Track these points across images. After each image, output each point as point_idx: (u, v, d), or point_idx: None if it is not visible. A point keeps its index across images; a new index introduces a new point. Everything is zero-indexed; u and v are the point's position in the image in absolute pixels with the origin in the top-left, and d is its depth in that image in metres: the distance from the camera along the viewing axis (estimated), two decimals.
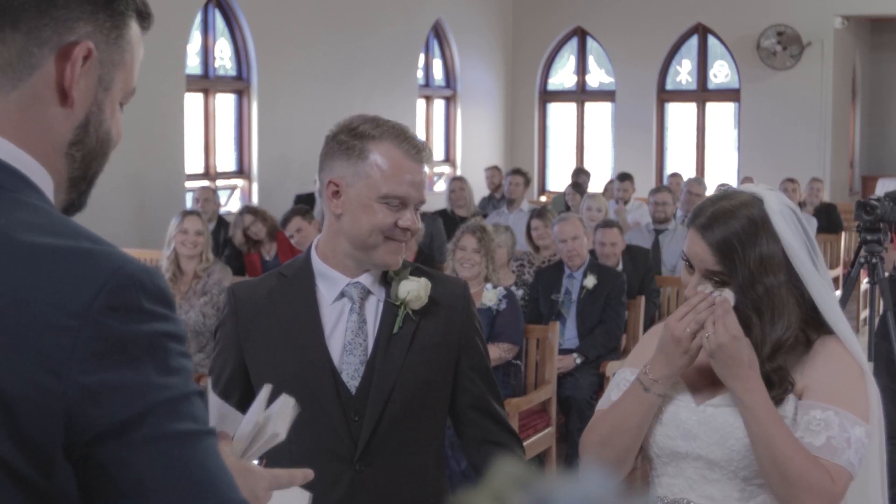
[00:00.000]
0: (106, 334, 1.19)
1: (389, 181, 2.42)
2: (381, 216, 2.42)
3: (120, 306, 1.20)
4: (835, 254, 10.82)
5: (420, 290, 2.48)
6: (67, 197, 1.37)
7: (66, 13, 1.30)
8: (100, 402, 1.19)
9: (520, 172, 11.15)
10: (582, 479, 0.82)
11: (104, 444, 1.20)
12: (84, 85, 1.32)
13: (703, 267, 2.26)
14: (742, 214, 2.24)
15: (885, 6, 14.33)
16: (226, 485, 1.25)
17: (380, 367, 2.46)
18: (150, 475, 1.21)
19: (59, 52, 1.30)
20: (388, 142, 2.43)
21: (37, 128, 1.31)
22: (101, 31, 1.33)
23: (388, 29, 13.11)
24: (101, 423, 1.19)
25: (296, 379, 2.45)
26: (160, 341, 1.23)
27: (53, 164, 1.32)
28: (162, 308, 1.24)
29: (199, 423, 1.25)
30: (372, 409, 2.45)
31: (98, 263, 1.22)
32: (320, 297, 2.52)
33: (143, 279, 1.23)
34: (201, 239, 6.36)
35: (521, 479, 0.83)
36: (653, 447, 2.34)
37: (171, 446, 1.22)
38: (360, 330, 2.50)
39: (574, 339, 6.63)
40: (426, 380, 2.49)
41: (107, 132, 1.37)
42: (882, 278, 5.14)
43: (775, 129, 14.41)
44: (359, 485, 2.45)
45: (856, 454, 2.17)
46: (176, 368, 1.24)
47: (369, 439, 2.45)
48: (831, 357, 2.25)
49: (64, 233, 1.24)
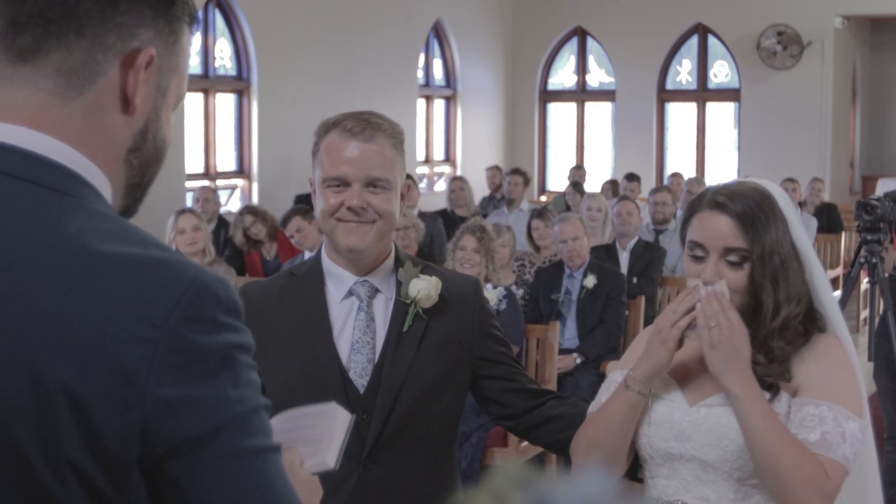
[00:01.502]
0: (183, 346, 1.19)
1: (326, 163, 2.47)
2: (328, 199, 2.46)
3: (196, 317, 1.20)
4: (835, 254, 10.83)
5: (430, 289, 2.48)
6: (123, 203, 1.36)
7: (129, 19, 1.29)
8: (176, 414, 1.18)
9: (519, 172, 11.15)
10: (582, 479, 0.82)
11: (177, 459, 1.19)
12: (144, 92, 1.31)
13: (723, 244, 2.24)
14: (755, 190, 2.28)
15: (885, 6, 14.33)
16: (289, 501, 1.25)
17: (389, 366, 2.46)
18: (219, 492, 1.21)
19: (123, 58, 1.29)
20: (335, 128, 2.48)
21: (98, 135, 1.30)
22: (161, 36, 1.32)
23: (388, 29, 13.11)
24: (176, 436, 1.19)
25: (304, 378, 2.47)
26: (233, 354, 1.22)
27: (113, 170, 1.32)
28: (234, 319, 1.24)
29: (268, 437, 1.25)
30: (380, 407, 2.45)
31: (175, 274, 1.21)
32: (329, 296, 2.53)
33: (217, 290, 1.22)
34: (200, 234, 6.36)
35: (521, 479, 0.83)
36: (646, 449, 2.33)
37: (241, 463, 1.22)
38: (368, 328, 2.50)
39: (574, 339, 6.63)
40: (436, 378, 2.49)
41: (163, 139, 1.37)
42: (882, 278, 5.14)
43: (775, 129, 14.41)
44: (367, 483, 2.45)
45: (851, 448, 2.17)
46: (248, 381, 1.24)
47: (377, 438, 2.45)
48: (825, 354, 2.26)
49: (134, 240, 1.24)
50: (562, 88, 15.99)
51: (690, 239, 2.30)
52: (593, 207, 8.60)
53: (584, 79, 15.87)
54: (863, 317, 10.25)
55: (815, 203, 11.55)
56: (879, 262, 5.17)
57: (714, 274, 2.24)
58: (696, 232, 2.28)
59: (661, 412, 2.31)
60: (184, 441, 1.19)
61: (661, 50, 15.10)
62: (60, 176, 1.26)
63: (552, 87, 16.00)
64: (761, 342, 2.25)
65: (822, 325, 2.31)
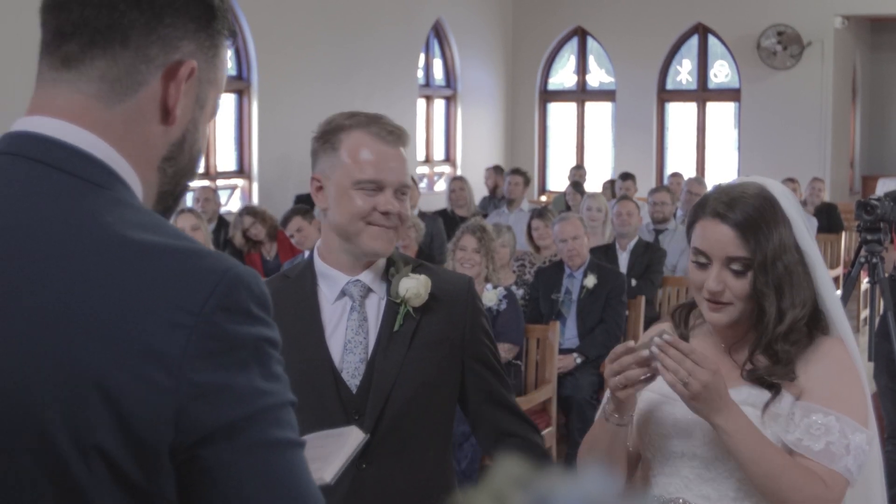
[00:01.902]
0: (218, 334, 1.20)
1: (360, 165, 2.44)
2: (359, 202, 2.44)
3: (231, 307, 1.21)
4: (835, 254, 10.82)
5: (420, 288, 2.48)
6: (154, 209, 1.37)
7: (172, 31, 1.31)
8: (210, 400, 1.19)
9: (519, 172, 11.15)
10: (582, 479, 0.82)
11: (210, 447, 1.20)
12: (184, 103, 1.34)
13: (725, 254, 2.23)
14: (755, 194, 2.26)
15: (885, 6, 14.33)
16: (314, 497, 1.26)
17: (380, 366, 2.46)
18: (250, 481, 1.21)
19: (166, 70, 1.31)
20: (359, 129, 2.46)
21: (137, 141, 1.32)
22: (202, 49, 1.34)
23: (388, 29, 13.11)
24: (210, 423, 1.20)
25: (297, 379, 2.43)
26: (263, 346, 1.24)
27: (147, 176, 1.34)
28: (265, 313, 1.25)
29: (296, 432, 1.27)
30: (372, 407, 2.45)
31: (210, 263, 1.23)
32: (322, 296, 2.53)
33: (250, 282, 1.24)
34: (199, 234, 6.37)
35: (521, 479, 0.82)
36: (648, 447, 2.34)
37: (272, 454, 1.23)
38: (361, 328, 2.50)
39: (574, 339, 6.63)
40: (428, 377, 2.49)
41: (199, 150, 1.39)
42: (882, 278, 5.14)
43: (775, 129, 14.41)
44: (361, 483, 2.44)
45: (854, 461, 2.16)
46: (277, 375, 1.25)
47: (370, 437, 2.43)
48: (832, 359, 2.25)
49: (168, 232, 1.26)
50: (562, 88, 15.99)
51: (694, 246, 2.29)
52: (593, 207, 8.60)
53: (585, 79, 15.87)
54: (863, 317, 10.25)
55: (815, 203, 11.55)
56: (879, 262, 5.16)
57: (717, 282, 2.23)
58: (698, 240, 2.28)
59: (662, 410, 2.31)
60: (217, 428, 1.20)
61: (662, 50, 15.10)
62: (98, 170, 1.28)
63: (552, 87, 16.00)
64: (766, 346, 2.24)
65: (825, 326, 2.29)
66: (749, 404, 2.22)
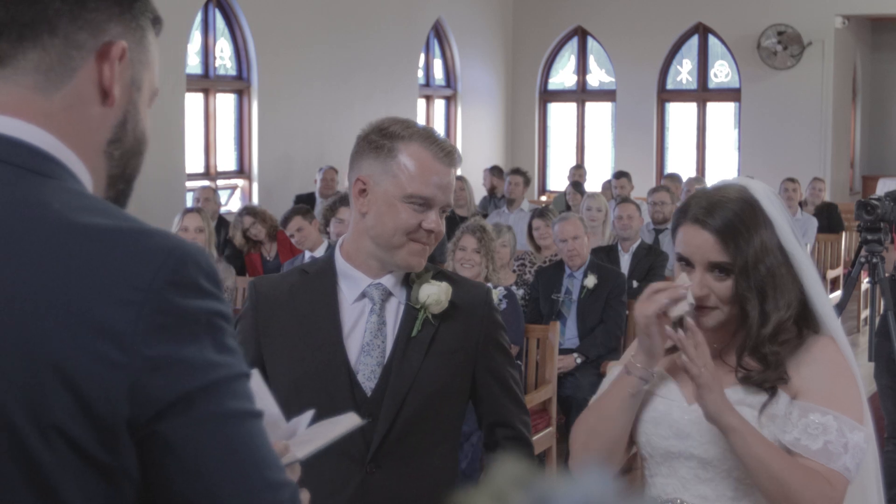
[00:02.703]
0: (168, 308, 1.23)
1: (416, 181, 2.41)
2: (405, 216, 2.41)
3: (180, 282, 1.24)
4: (835, 254, 10.82)
5: (441, 295, 2.47)
6: (105, 195, 1.40)
7: (98, 15, 1.35)
8: (164, 373, 1.22)
9: (519, 172, 11.15)
10: (582, 479, 0.82)
11: (168, 419, 1.23)
12: (121, 84, 1.37)
13: (706, 259, 2.24)
14: (736, 198, 2.26)
15: (885, 6, 14.33)
16: (273, 465, 1.29)
17: (396, 370, 2.45)
18: (210, 453, 1.24)
19: (98, 52, 1.35)
20: (418, 143, 2.42)
21: (80, 128, 1.35)
22: (129, 31, 1.39)
23: (388, 29, 13.11)
24: (165, 396, 1.22)
25: (312, 377, 2.45)
26: (216, 320, 1.26)
27: (94, 161, 1.37)
28: (215, 287, 1.28)
29: (252, 403, 1.29)
30: (386, 411, 2.44)
31: (158, 241, 1.26)
32: (341, 296, 2.51)
33: (198, 258, 1.27)
34: (202, 236, 6.35)
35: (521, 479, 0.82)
36: (646, 447, 2.33)
37: (229, 425, 1.25)
38: (380, 331, 2.48)
39: (574, 339, 6.63)
40: (442, 385, 2.48)
41: (142, 131, 1.43)
42: (882, 278, 5.14)
43: (775, 129, 14.41)
44: (369, 486, 2.44)
45: (852, 459, 2.16)
46: (230, 347, 1.28)
47: (382, 442, 2.44)
48: (826, 358, 2.24)
49: (116, 215, 1.29)
50: (562, 88, 15.99)
51: (677, 251, 2.31)
52: (593, 207, 8.60)
53: (585, 79, 15.87)
54: (863, 317, 10.24)
55: (815, 203, 11.55)
56: (880, 262, 5.16)
57: (701, 287, 2.24)
58: (681, 245, 2.29)
59: (659, 410, 2.30)
60: (173, 401, 1.22)
61: (662, 50, 15.10)
62: (42, 160, 1.31)
63: (552, 87, 16.00)
64: (753, 349, 2.24)
65: (815, 325, 2.29)
66: (746, 405, 2.22)
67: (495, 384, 2.56)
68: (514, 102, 15.77)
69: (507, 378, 2.58)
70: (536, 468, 2.50)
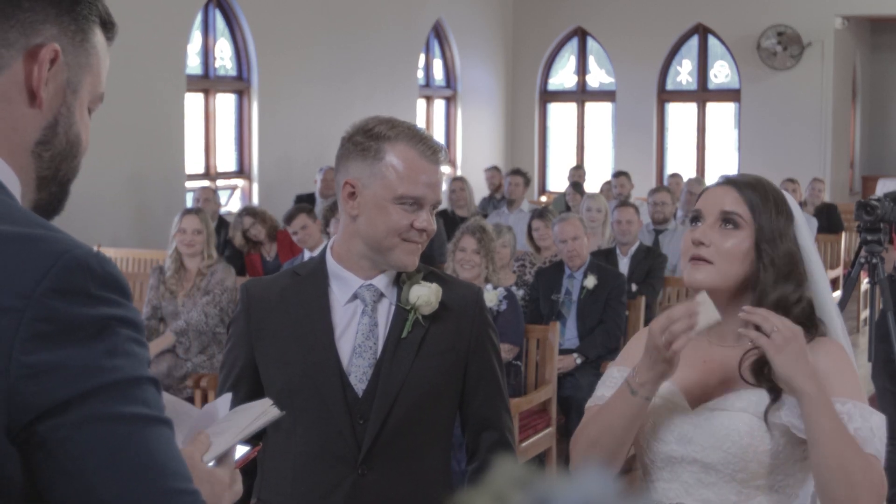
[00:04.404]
0: (51, 315, 1.20)
1: (405, 182, 2.41)
2: (396, 217, 2.41)
3: (66, 289, 1.21)
4: (835, 254, 10.82)
5: (431, 296, 2.46)
6: (37, 197, 1.38)
7: (32, 16, 1.34)
8: (41, 380, 1.20)
9: (519, 173, 11.15)
10: (582, 479, 0.82)
11: (46, 423, 1.20)
12: (53, 87, 1.35)
13: (720, 207, 2.23)
14: (772, 189, 2.29)
15: (885, 6, 14.33)
16: (173, 473, 1.25)
17: (386, 372, 2.45)
18: (92, 454, 1.21)
19: (27, 53, 1.33)
20: (404, 142, 2.42)
21: (4, 127, 1.34)
22: (66, 33, 1.36)
23: (388, 29, 13.11)
24: (43, 401, 1.20)
25: (304, 379, 2.45)
26: (109, 325, 1.23)
27: (19, 162, 1.35)
28: (112, 294, 1.25)
29: (151, 408, 1.25)
30: (377, 413, 2.43)
31: (45, 247, 1.23)
32: (333, 297, 2.50)
33: (91, 264, 1.24)
34: (200, 238, 6.33)
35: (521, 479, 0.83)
36: (647, 453, 2.32)
37: (117, 427, 1.22)
38: (371, 333, 2.48)
39: (574, 340, 6.63)
40: (433, 385, 2.47)
41: (76, 135, 1.40)
42: (882, 278, 5.14)
43: (775, 130, 14.41)
44: (361, 488, 2.44)
45: (880, 442, 2.14)
46: (127, 352, 1.24)
47: (373, 443, 2.44)
48: (835, 356, 2.24)
49: (18, 221, 1.26)
50: (562, 89, 15.99)
51: (692, 210, 2.30)
52: (593, 208, 8.60)
53: (585, 79, 15.87)
54: (863, 317, 10.25)
55: (815, 203, 11.55)
56: (879, 263, 5.16)
57: (704, 234, 2.22)
58: (699, 203, 2.29)
59: (662, 415, 2.29)
60: (52, 406, 1.20)
61: (662, 50, 15.10)
62: None
63: (552, 88, 16.00)
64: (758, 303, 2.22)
65: (823, 330, 2.29)
66: (751, 412, 2.20)
67: (486, 386, 2.55)
68: (514, 103, 15.77)
69: (497, 380, 2.57)
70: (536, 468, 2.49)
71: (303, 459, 2.46)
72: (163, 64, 10.21)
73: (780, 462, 2.20)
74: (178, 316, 6.23)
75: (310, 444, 2.43)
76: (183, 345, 6.21)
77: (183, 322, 6.20)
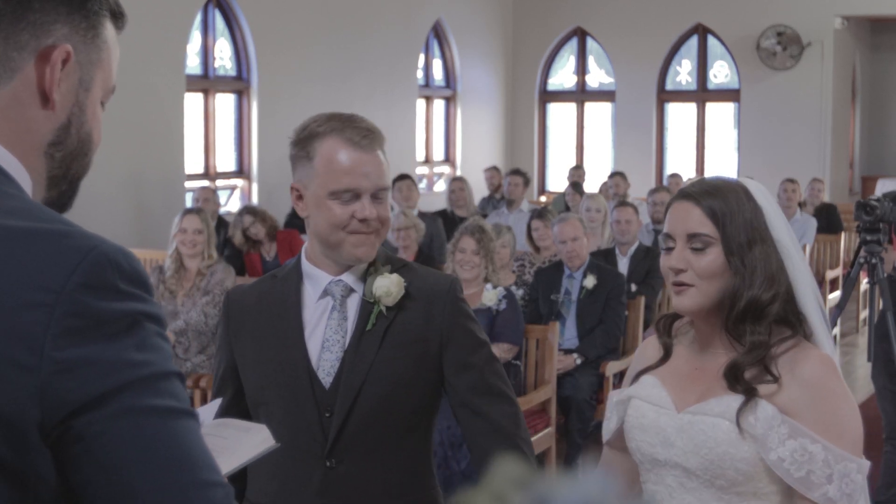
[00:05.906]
0: (81, 311, 1.20)
1: (334, 175, 2.43)
2: (336, 212, 2.43)
3: (96, 284, 1.22)
4: (835, 254, 10.82)
5: (391, 287, 2.48)
6: (48, 195, 1.38)
7: (42, 17, 1.32)
8: (74, 375, 1.20)
9: (519, 173, 11.15)
10: (582, 479, 0.82)
11: (81, 417, 1.20)
12: (65, 87, 1.34)
13: (686, 230, 2.23)
14: (727, 182, 2.28)
15: (885, 6, 14.33)
16: (205, 466, 1.25)
17: (349, 364, 2.47)
18: (128, 447, 1.21)
19: (39, 55, 1.32)
20: (332, 136, 2.45)
21: (17, 128, 1.33)
22: (78, 32, 1.35)
23: (388, 29, 13.11)
24: (77, 397, 1.20)
25: (275, 376, 2.51)
26: (138, 320, 1.24)
27: (32, 162, 1.34)
28: (138, 289, 1.25)
29: (180, 401, 1.26)
30: (341, 405, 2.46)
31: (73, 243, 1.23)
32: (305, 296, 2.54)
33: (118, 260, 1.24)
34: (200, 238, 6.33)
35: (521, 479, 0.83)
36: (636, 454, 2.33)
37: (149, 420, 1.22)
38: (340, 327, 2.51)
39: (574, 340, 6.63)
40: (401, 376, 2.48)
41: (88, 133, 1.39)
42: (882, 278, 5.14)
43: (775, 130, 14.41)
44: (331, 482, 2.45)
45: (837, 489, 2.12)
46: (155, 346, 1.25)
47: (338, 435, 2.45)
48: (822, 381, 2.18)
49: (40, 217, 1.27)
50: (562, 89, 15.99)
51: (663, 233, 2.31)
52: (592, 208, 8.61)
53: (584, 79, 15.87)
54: (862, 317, 10.26)
55: (814, 203, 11.55)
56: (879, 263, 5.16)
57: (679, 260, 2.24)
58: (666, 224, 2.30)
59: (649, 417, 2.30)
60: (86, 401, 1.20)
61: (661, 50, 15.10)
62: None
63: (552, 88, 16.00)
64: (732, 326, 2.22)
65: (807, 330, 2.25)
66: (727, 419, 2.18)
67: (464, 374, 2.53)
68: (514, 103, 15.77)
69: (478, 366, 2.54)
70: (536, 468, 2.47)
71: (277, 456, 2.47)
72: (162, 64, 10.20)
73: (759, 470, 2.17)
74: (178, 316, 6.23)
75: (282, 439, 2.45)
76: (182, 345, 6.22)
77: (182, 322, 6.20)
